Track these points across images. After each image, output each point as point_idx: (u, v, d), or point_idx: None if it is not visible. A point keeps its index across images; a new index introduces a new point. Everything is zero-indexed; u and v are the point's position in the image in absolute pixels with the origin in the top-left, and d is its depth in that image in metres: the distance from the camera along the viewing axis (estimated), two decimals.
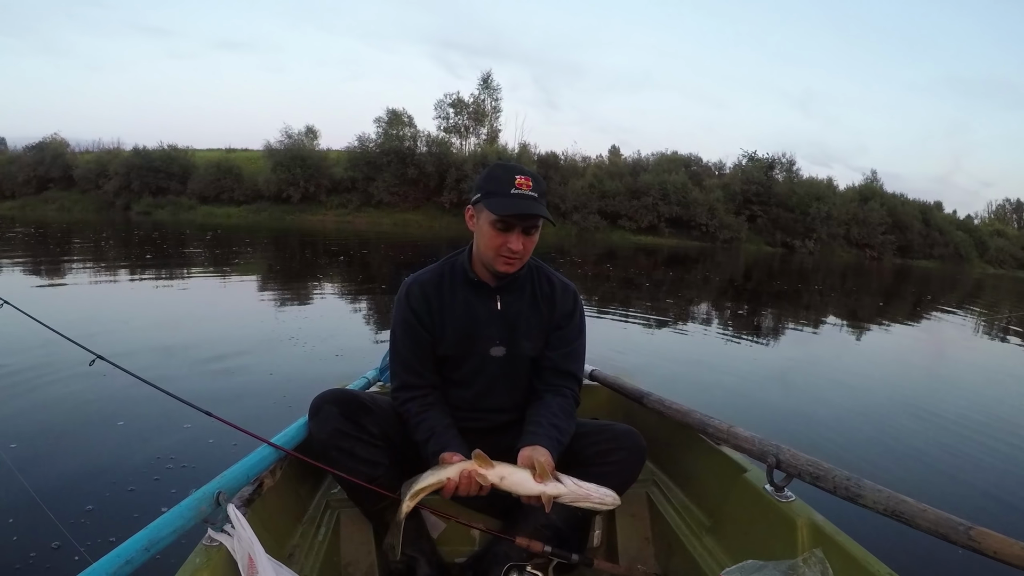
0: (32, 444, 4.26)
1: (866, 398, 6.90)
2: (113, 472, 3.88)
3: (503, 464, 1.92)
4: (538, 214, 2.11)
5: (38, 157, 54.60)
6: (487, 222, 2.15)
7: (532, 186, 2.12)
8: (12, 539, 3.10)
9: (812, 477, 1.86)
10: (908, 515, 1.60)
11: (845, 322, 12.82)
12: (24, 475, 3.44)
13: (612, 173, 49.41)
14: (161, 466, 3.96)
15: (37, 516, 3.10)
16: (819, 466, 1.85)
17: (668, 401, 2.60)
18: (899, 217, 50.26)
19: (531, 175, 2.15)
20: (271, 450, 2.08)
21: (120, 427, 4.58)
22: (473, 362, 2.33)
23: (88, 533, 3.12)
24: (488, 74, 55.95)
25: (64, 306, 9.74)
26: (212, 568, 1.60)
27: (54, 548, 2.94)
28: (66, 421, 4.69)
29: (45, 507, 3.01)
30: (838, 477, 1.79)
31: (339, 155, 52.14)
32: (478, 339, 2.31)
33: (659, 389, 2.76)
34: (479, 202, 2.17)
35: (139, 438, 4.39)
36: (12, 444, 4.22)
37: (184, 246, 23.67)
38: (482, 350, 2.31)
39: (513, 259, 2.17)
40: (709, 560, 2.15)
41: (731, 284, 20.54)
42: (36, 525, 3.11)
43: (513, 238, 2.13)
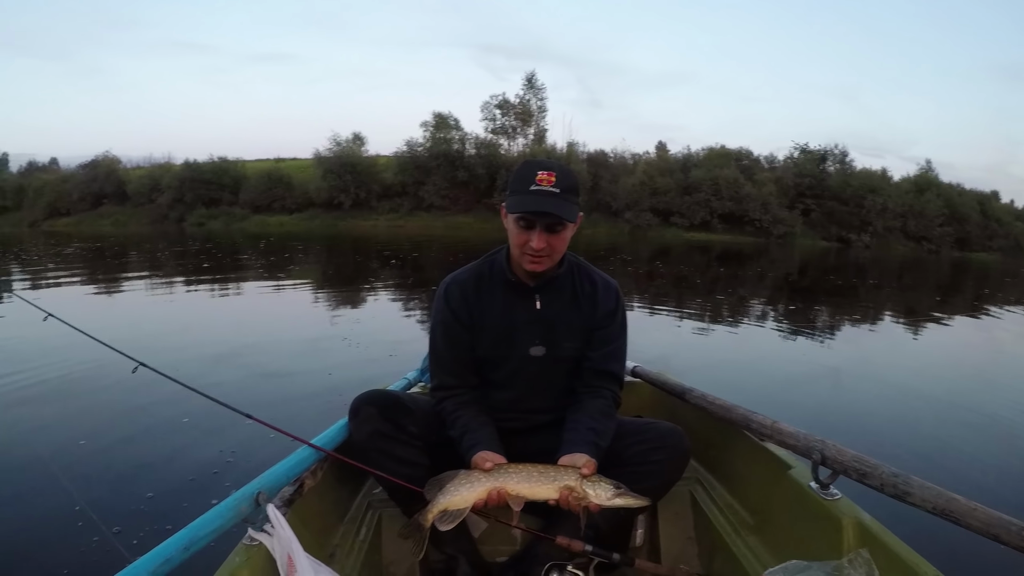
0: (75, 449, 4.37)
1: (918, 397, 6.73)
2: (155, 475, 3.98)
3: (527, 468, 1.91)
4: (548, 211, 2.04)
5: (91, 175, 56.05)
6: (512, 220, 2.12)
7: (555, 181, 2.05)
8: (56, 540, 3.18)
9: (858, 474, 1.80)
10: (958, 514, 1.53)
11: (901, 318, 12.54)
12: (67, 478, 3.52)
13: (663, 170, 48.93)
14: (203, 469, 4.04)
15: (79, 517, 3.18)
16: (865, 462, 1.79)
17: (711, 397, 2.55)
18: (956, 208, 48.86)
19: (556, 169, 2.09)
20: (311, 451, 2.09)
21: (162, 432, 4.69)
22: (512, 363, 2.30)
23: (128, 534, 3.19)
24: (532, 74, 56.01)
25: (119, 317, 10.00)
26: (251, 567, 1.60)
27: (95, 548, 3.00)
28: (108, 427, 4.81)
29: (88, 508, 3.06)
30: (885, 474, 1.72)
31: (388, 160, 52.44)
32: (517, 339, 2.28)
33: (705, 385, 2.71)
34: (507, 198, 2.14)
35: (181, 442, 4.49)
36: (56, 449, 4.34)
37: (238, 255, 24.10)
38: (521, 351, 2.28)
39: (538, 257, 2.12)
40: (752, 560, 2.10)
41: (786, 280, 20.28)
42: (79, 526, 3.18)
43: (535, 236, 2.07)
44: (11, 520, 3.43)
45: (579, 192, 2.16)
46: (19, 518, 3.45)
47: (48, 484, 3.66)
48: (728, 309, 12.76)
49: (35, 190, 57.16)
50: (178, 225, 49.14)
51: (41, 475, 3.82)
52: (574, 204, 2.10)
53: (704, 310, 12.32)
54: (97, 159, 57.87)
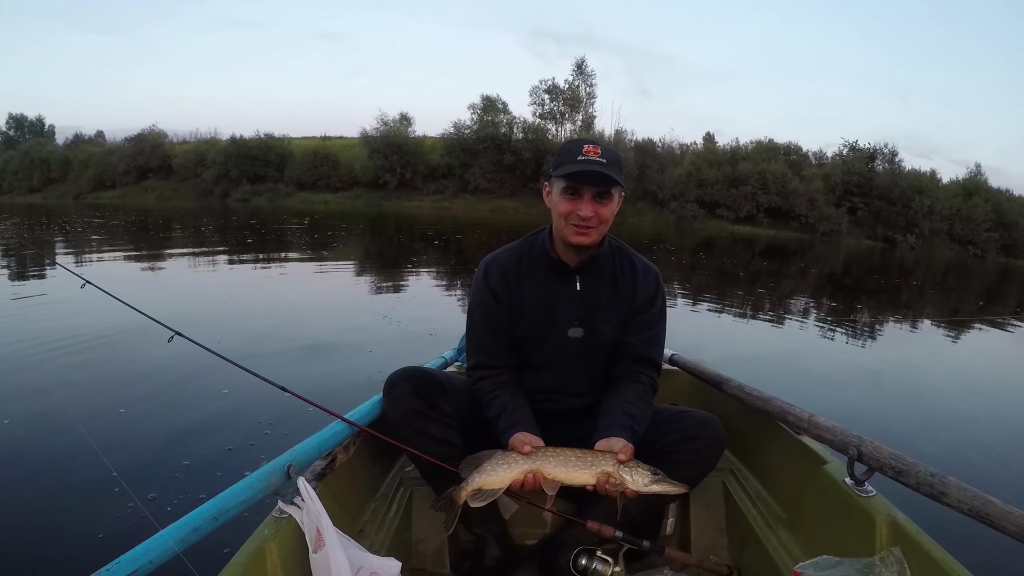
0: (108, 418, 4.45)
1: (957, 402, 6.61)
2: (190, 444, 4.05)
3: (565, 452, 1.91)
4: (602, 171, 2.06)
5: (137, 148, 56.54)
6: (558, 192, 2.14)
7: (600, 153, 2.08)
8: (88, 506, 3.25)
9: (894, 472, 1.78)
10: (994, 517, 1.51)
11: (942, 322, 12.32)
12: (100, 444, 3.58)
13: (710, 161, 48.38)
14: (238, 440, 4.11)
15: (113, 483, 3.22)
16: (902, 460, 1.77)
17: (748, 388, 2.54)
18: (1004, 214, 47.54)
19: (601, 145, 2.12)
20: (344, 426, 2.10)
21: (198, 402, 4.76)
22: (551, 344, 2.29)
23: (161, 502, 3.27)
24: (582, 60, 55.50)
25: (161, 289, 10.19)
26: (280, 539, 1.62)
27: (128, 515, 3.06)
28: (143, 395, 4.90)
29: (119, 475, 3.11)
30: (922, 473, 1.70)
31: (435, 142, 52.28)
32: (556, 320, 2.28)
33: (741, 377, 2.69)
34: (551, 176, 2.16)
35: (217, 413, 4.56)
36: (90, 415, 4.44)
37: (282, 231, 24.28)
38: (560, 332, 2.28)
39: (584, 228, 2.13)
40: (783, 554, 2.08)
41: (829, 278, 19.98)
42: (112, 492, 3.23)
43: (583, 204, 2.09)
44: (45, 485, 3.51)
45: (623, 169, 2.16)
46: (54, 483, 3.52)
47: (82, 450, 3.72)
48: (769, 303, 12.64)
49: (81, 162, 57.98)
50: (222, 200, 49.64)
51: (75, 441, 3.87)
52: (620, 176, 2.11)
53: (745, 303, 12.22)
54: (143, 133, 58.45)
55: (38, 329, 6.71)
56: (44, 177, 59.64)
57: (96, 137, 68.28)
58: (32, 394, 4.84)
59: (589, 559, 2.07)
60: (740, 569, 2.27)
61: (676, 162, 49.30)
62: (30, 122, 73.53)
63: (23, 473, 3.65)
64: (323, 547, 1.61)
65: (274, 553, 1.59)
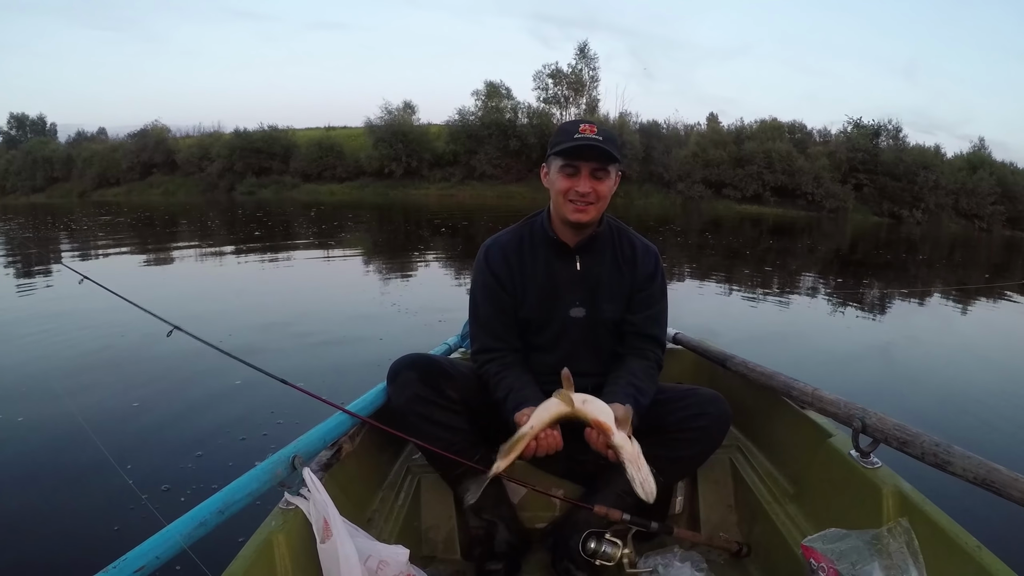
0: (111, 413, 4.49)
1: (964, 374, 6.62)
2: (192, 440, 4.05)
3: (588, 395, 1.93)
4: (600, 146, 2.08)
5: (141, 144, 56.03)
6: (556, 170, 2.17)
7: (597, 131, 2.11)
8: (93, 503, 3.28)
9: (899, 442, 1.77)
10: (1000, 484, 1.50)
11: (950, 295, 12.28)
12: (103, 442, 3.58)
13: (715, 142, 48.22)
14: (240, 435, 4.12)
15: (115, 481, 3.24)
16: (907, 431, 1.76)
17: (752, 364, 2.54)
18: (1009, 187, 47.32)
19: (597, 123, 2.14)
20: (347, 416, 2.10)
21: (200, 398, 4.76)
22: (555, 325, 2.31)
23: (163, 497, 3.27)
24: (584, 43, 55.19)
25: (167, 285, 10.20)
26: (287, 530, 1.62)
27: (131, 511, 3.07)
28: (144, 391, 4.90)
29: (124, 473, 3.12)
30: (926, 443, 1.69)
31: (439, 129, 52.00)
32: (559, 300, 2.30)
33: (749, 356, 2.68)
34: (548, 156, 2.18)
35: (219, 408, 4.57)
36: (93, 413, 4.46)
37: (289, 223, 24.28)
38: (562, 312, 2.30)
39: (582, 204, 2.16)
40: (792, 528, 2.09)
41: (836, 255, 19.96)
42: (114, 490, 3.26)
43: (581, 181, 2.12)
44: (49, 482, 3.54)
45: (620, 148, 2.19)
46: (57, 480, 3.55)
47: (86, 447, 3.73)
48: (777, 282, 12.61)
49: (84, 160, 57.53)
50: (228, 194, 49.44)
51: (78, 437, 3.89)
52: (617, 152, 2.13)
53: (753, 282, 12.20)
54: (146, 128, 57.93)
55: (39, 326, 6.78)
56: (47, 176, 59.18)
57: (98, 134, 67.66)
58: (34, 391, 4.87)
59: (598, 542, 2.07)
60: (750, 545, 2.27)
61: (681, 143, 49.14)
62: (32, 121, 72.94)
63: (26, 470, 3.68)
64: (331, 537, 1.62)
65: (282, 545, 1.59)
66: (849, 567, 1.68)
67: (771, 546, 2.17)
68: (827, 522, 1.87)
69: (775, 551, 2.14)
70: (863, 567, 1.66)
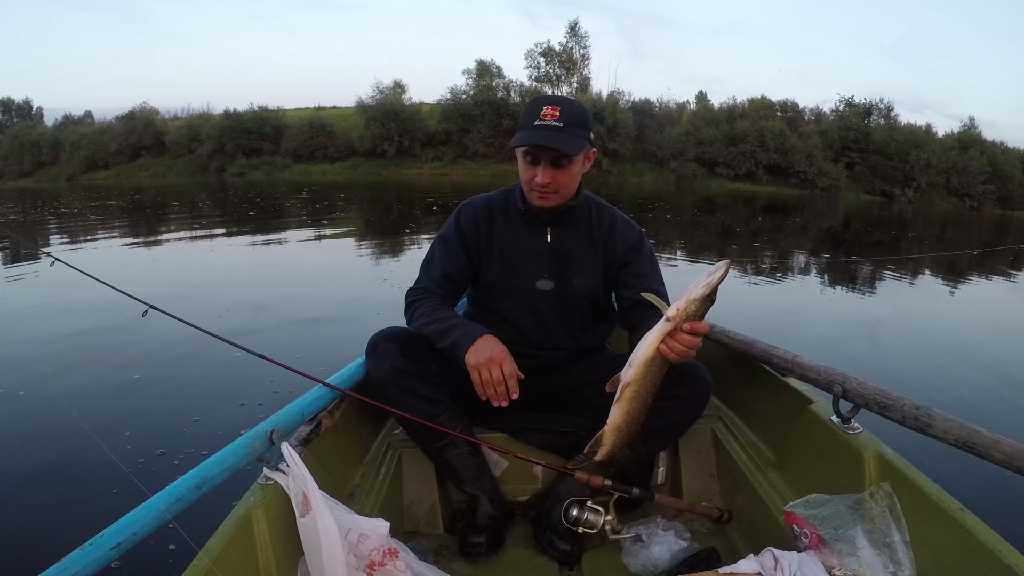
0: (90, 392, 4.48)
1: (950, 346, 6.69)
2: (173, 417, 4.04)
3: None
4: (547, 145, 2.04)
5: (129, 126, 55.58)
6: (520, 155, 2.14)
7: (559, 115, 2.05)
8: (75, 479, 3.27)
9: (880, 407, 1.77)
10: (981, 446, 1.50)
11: (940, 272, 12.33)
12: (84, 421, 3.57)
13: (708, 120, 48.25)
14: (223, 411, 4.12)
15: (97, 458, 3.25)
16: (887, 395, 1.76)
17: (732, 332, 2.52)
18: (999, 166, 47.38)
19: (561, 104, 2.09)
20: (326, 390, 2.09)
21: (181, 376, 4.77)
22: (519, 293, 2.31)
23: (146, 474, 3.26)
24: (575, 22, 55.28)
25: (157, 268, 10.14)
26: (266, 506, 1.61)
27: (113, 488, 3.07)
28: (125, 371, 4.87)
29: (107, 449, 3.11)
30: (907, 406, 1.69)
31: (431, 108, 51.88)
32: (523, 269, 2.29)
33: (740, 330, 2.67)
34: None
35: (200, 386, 4.56)
36: (73, 393, 4.44)
37: (281, 204, 24.19)
38: (527, 282, 2.29)
39: (544, 193, 2.14)
40: (774, 496, 2.08)
41: (828, 233, 20.00)
42: (97, 467, 3.27)
43: (540, 171, 2.09)
44: (30, 458, 3.53)
45: (588, 126, 2.14)
46: (38, 457, 3.54)
47: (66, 425, 3.76)
48: (769, 259, 12.62)
49: (72, 144, 56.80)
50: (219, 175, 49.17)
51: (59, 416, 3.92)
52: (580, 138, 2.09)
53: (745, 260, 12.19)
54: (134, 110, 57.51)
55: (13, 308, 6.81)
56: (35, 160, 58.69)
57: (85, 118, 66.85)
58: (9, 371, 4.84)
59: (580, 510, 2.07)
60: (732, 512, 2.28)
61: (674, 122, 49.14)
62: (18, 105, 72.60)
63: (3, 451, 3.66)
64: (310, 511, 1.60)
65: (261, 520, 1.58)
66: (831, 531, 1.68)
67: (753, 513, 2.17)
68: (809, 488, 1.86)
69: (757, 518, 2.14)
70: (845, 531, 1.67)
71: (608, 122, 44.86)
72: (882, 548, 1.62)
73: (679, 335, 1.68)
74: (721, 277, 1.64)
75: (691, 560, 2.01)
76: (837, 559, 1.65)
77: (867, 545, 1.64)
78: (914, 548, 1.59)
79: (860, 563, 1.62)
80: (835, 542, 1.67)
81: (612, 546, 2.13)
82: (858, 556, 1.63)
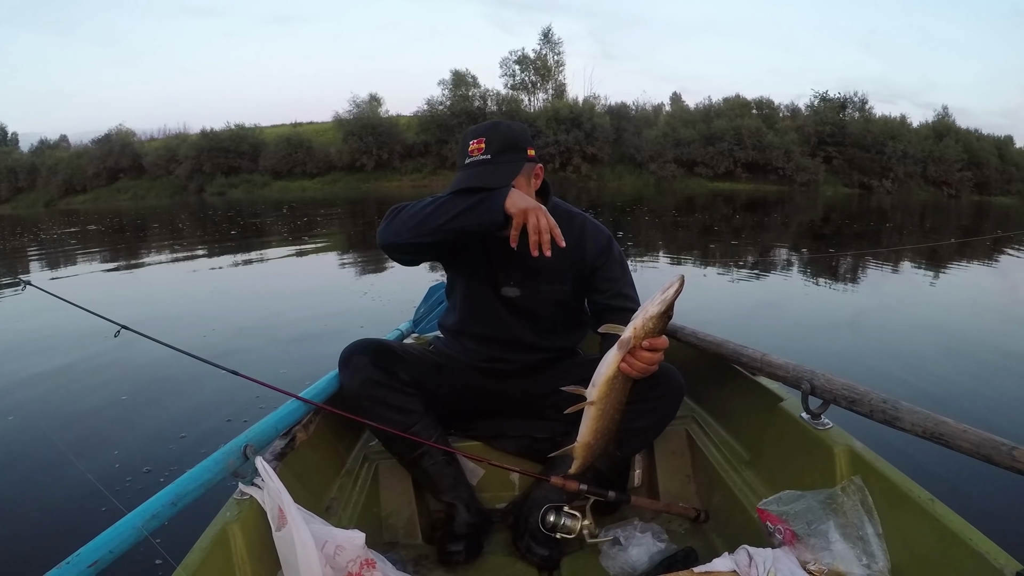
0: (65, 414, 4.47)
1: (928, 336, 6.73)
2: (150, 436, 4.06)
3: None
4: (475, 186, 2.03)
5: (106, 149, 55.11)
6: None
7: (484, 147, 2.08)
8: (53, 498, 3.26)
9: (848, 401, 1.78)
10: (948, 436, 1.50)
11: (920, 261, 12.42)
12: (60, 442, 3.57)
13: (685, 120, 48.53)
14: (198, 428, 4.12)
15: (75, 479, 3.25)
16: (854, 389, 1.77)
17: (702, 333, 2.53)
18: (975, 153, 48.12)
19: (485, 133, 2.11)
20: (300, 403, 2.08)
21: (157, 395, 4.78)
22: (487, 301, 2.32)
23: (123, 491, 3.27)
24: (548, 28, 55.34)
25: (135, 291, 10.10)
26: (242, 520, 1.61)
27: (90, 506, 3.07)
28: (101, 392, 4.88)
29: (84, 470, 3.12)
30: (874, 400, 1.70)
31: (409, 120, 52.01)
32: (491, 279, 2.31)
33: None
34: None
35: (177, 404, 4.57)
36: (49, 415, 4.46)
37: (261, 222, 24.06)
38: (495, 291, 2.31)
39: None
40: (749, 494, 2.09)
41: (809, 227, 20.11)
42: (74, 488, 3.25)
43: None
44: (6, 479, 3.54)
45: (520, 147, 2.15)
46: (14, 478, 3.55)
47: (43, 446, 3.80)
48: (751, 257, 12.66)
49: (49, 168, 56.43)
50: (198, 195, 48.91)
51: (36, 438, 3.95)
52: (510, 163, 2.10)
53: (726, 258, 12.24)
54: (110, 133, 57.11)
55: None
56: (12, 187, 58.11)
57: (60, 142, 66.11)
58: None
59: (557, 515, 2.06)
60: (709, 511, 2.29)
61: (651, 124, 49.38)
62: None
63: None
64: (286, 525, 1.60)
65: (238, 535, 1.58)
66: (805, 527, 1.68)
67: (729, 512, 2.18)
68: (782, 485, 1.87)
69: (733, 517, 2.15)
70: (818, 526, 1.67)
71: (586, 127, 45.05)
72: (855, 541, 1.63)
73: (638, 352, 1.71)
74: (675, 292, 1.65)
75: (669, 561, 2.01)
76: (811, 554, 1.65)
77: (840, 539, 1.64)
78: (887, 540, 1.60)
79: (834, 557, 1.62)
80: (809, 537, 1.67)
81: (591, 550, 2.14)
82: (832, 550, 1.63)
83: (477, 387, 2.36)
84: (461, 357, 2.34)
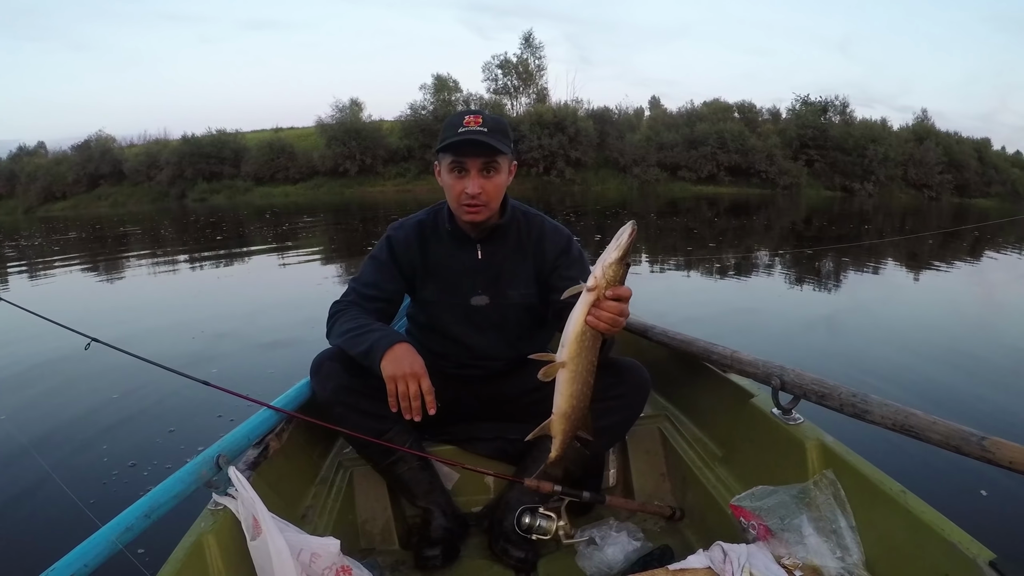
0: (44, 426, 4.44)
1: (905, 336, 6.74)
2: (122, 448, 4.02)
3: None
4: (484, 140, 2.05)
5: (86, 155, 54.64)
6: (446, 169, 2.14)
7: (482, 122, 2.08)
8: (29, 512, 3.26)
9: (818, 396, 1.79)
10: (918, 428, 1.52)
11: (901, 262, 12.52)
12: (36, 452, 3.55)
13: (668, 124, 48.68)
14: (173, 439, 4.09)
15: (50, 489, 3.24)
16: (824, 384, 1.79)
17: (672, 332, 2.55)
18: (955, 156, 48.73)
19: (483, 113, 2.12)
20: (272, 412, 2.08)
21: (130, 407, 4.72)
22: (456, 310, 2.34)
23: (99, 504, 3.18)
24: (529, 33, 55.41)
25: (112, 301, 9.94)
26: (217, 530, 1.61)
27: (65, 519, 3.01)
28: (74, 406, 4.83)
29: (57, 478, 3.09)
30: (844, 394, 1.71)
31: (392, 125, 51.76)
32: (459, 288, 2.31)
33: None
34: (437, 152, 2.16)
35: (150, 415, 4.53)
36: (23, 427, 4.41)
37: (243, 229, 23.95)
38: (463, 300, 2.32)
39: (474, 205, 2.13)
40: (722, 490, 2.11)
41: (791, 230, 20.22)
42: (48, 498, 3.26)
43: (470, 181, 2.10)
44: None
45: (510, 136, 2.17)
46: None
47: (18, 457, 3.79)
48: (734, 260, 12.69)
49: (28, 175, 55.78)
50: (179, 201, 48.56)
51: (12, 449, 3.91)
52: (505, 144, 2.11)
53: (710, 262, 12.26)
54: (90, 139, 56.55)
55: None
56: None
57: (38, 148, 65.18)
58: None
59: (532, 517, 2.07)
60: (683, 509, 2.30)
61: (634, 128, 49.48)
62: None
63: None
64: (261, 534, 1.60)
65: (213, 545, 1.58)
66: (778, 522, 1.69)
67: (704, 509, 2.19)
68: (755, 480, 1.88)
69: (708, 514, 2.16)
70: (792, 521, 1.68)
71: (569, 131, 45.06)
72: (829, 535, 1.64)
73: (604, 303, 1.63)
74: (629, 237, 1.60)
75: (645, 559, 2.02)
76: (785, 548, 1.66)
77: (814, 533, 1.65)
78: (860, 532, 1.62)
79: (808, 551, 1.63)
80: (783, 532, 1.68)
81: (567, 550, 2.14)
82: (806, 544, 1.64)
83: (448, 394, 2.35)
84: (431, 365, 2.35)
